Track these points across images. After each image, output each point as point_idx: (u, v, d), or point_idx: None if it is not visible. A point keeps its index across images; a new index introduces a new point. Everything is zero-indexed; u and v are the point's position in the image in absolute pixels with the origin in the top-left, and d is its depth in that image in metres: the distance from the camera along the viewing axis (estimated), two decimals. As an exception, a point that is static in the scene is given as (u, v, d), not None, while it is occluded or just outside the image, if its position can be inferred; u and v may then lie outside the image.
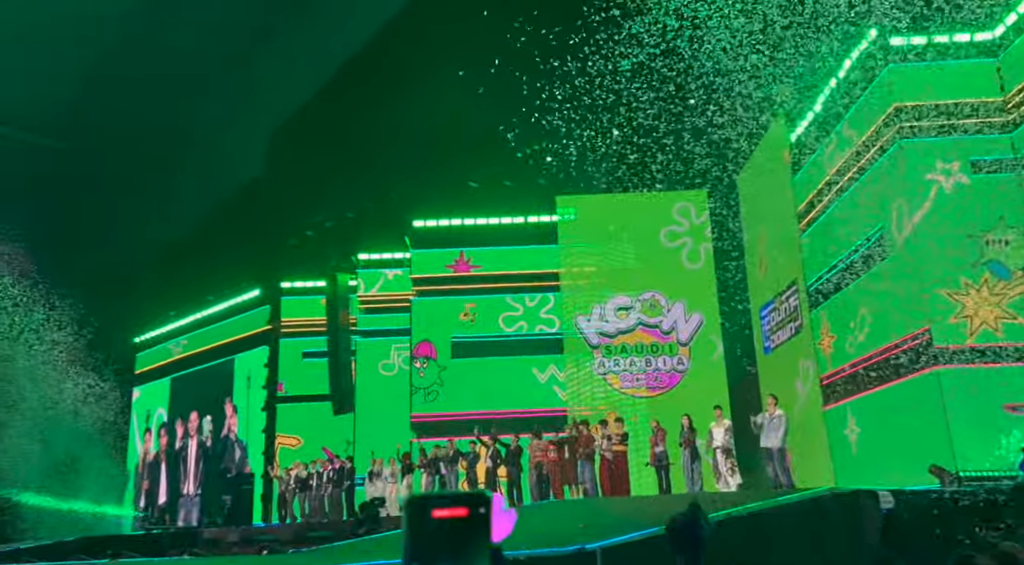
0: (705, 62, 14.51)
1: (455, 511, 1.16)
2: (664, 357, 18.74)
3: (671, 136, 16.49)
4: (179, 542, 14.84)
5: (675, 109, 16.05)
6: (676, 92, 15.61)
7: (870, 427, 13.68)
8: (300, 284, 23.46)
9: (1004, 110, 12.30)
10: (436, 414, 19.24)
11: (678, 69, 14.81)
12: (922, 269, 12.09)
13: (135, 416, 27.44)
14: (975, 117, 12.40)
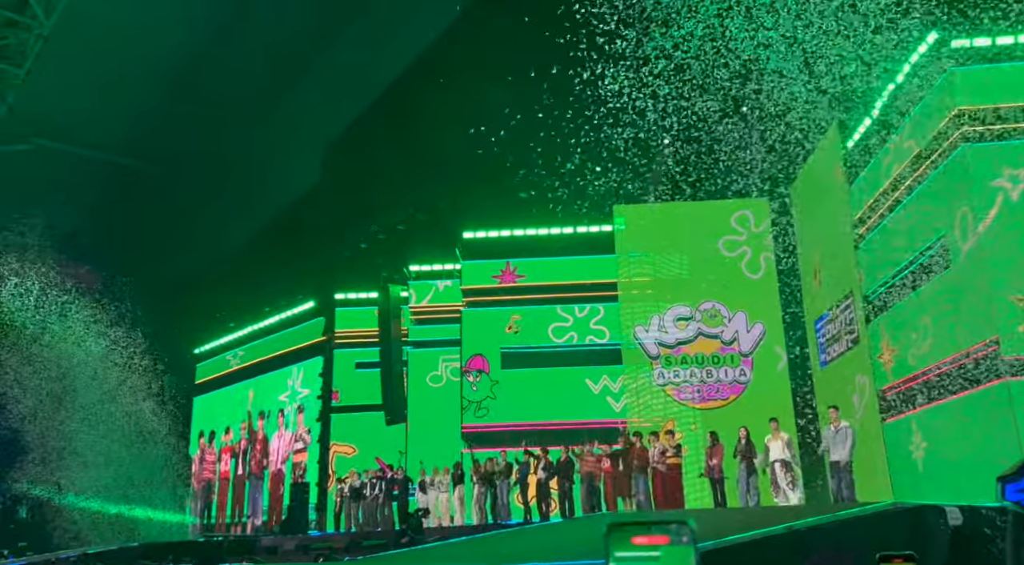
0: (760, 65, 14.33)
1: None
2: (726, 368, 18.44)
3: (727, 144, 16.33)
4: (237, 549, 15.15)
5: (730, 116, 15.89)
6: (729, 99, 15.44)
7: (937, 441, 13.23)
8: (353, 295, 23.85)
9: (1074, 112, 11.84)
10: (487, 425, 19.31)
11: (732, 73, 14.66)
12: (989, 277, 11.67)
13: (195, 424, 28.18)
14: (1043, 120, 11.97)
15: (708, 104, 15.34)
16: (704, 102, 15.14)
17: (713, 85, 14.64)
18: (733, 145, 16.58)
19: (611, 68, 14.22)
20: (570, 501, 15.47)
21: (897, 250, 14.55)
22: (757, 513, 11.32)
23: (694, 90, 14.83)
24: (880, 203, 15.21)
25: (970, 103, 12.30)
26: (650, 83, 14.28)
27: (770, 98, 14.62)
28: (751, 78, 14.38)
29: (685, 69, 13.90)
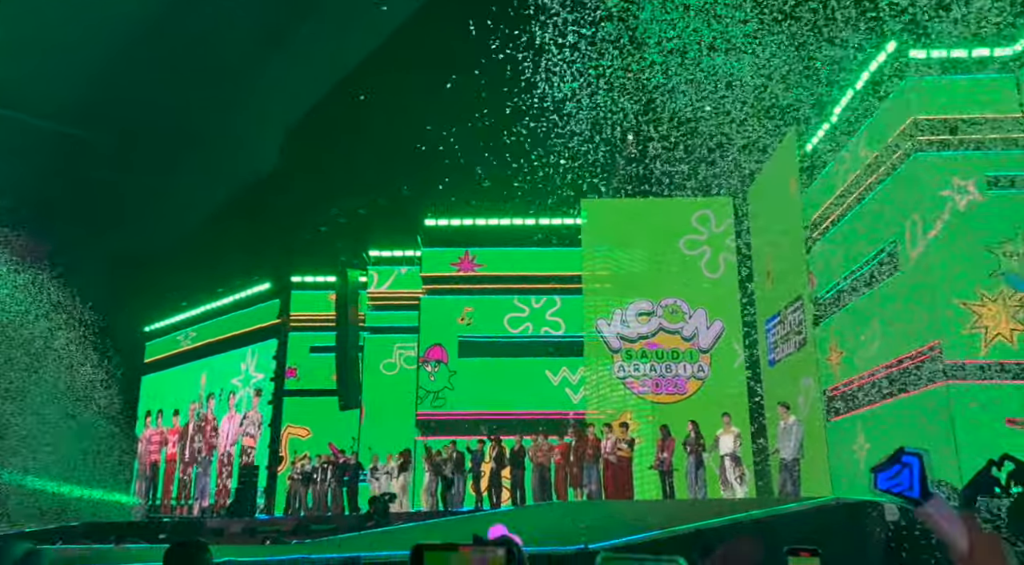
0: (722, 69, 14.56)
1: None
2: (685, 363, 18.72)
3: (689, 144, 16.55)
4: (182, 531, 14.92)
5: (693, 116, 16.10)
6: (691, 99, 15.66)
7: (879, 441, 13.63)
8: (310, 279, 23.57)
9: (1022, 126, 12.26)
10: (442, 413, 19.32)
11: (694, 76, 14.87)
12: (935, 282, 12.06)
13: (142, 404, 27.61)
14: (992, 132, 12.37)
15: (671, 103, 15.54)
16: (667, 100, 15.32)
17: (677, 85, 14.83)
18: (696, 144, 16.83)
19: (572, 62, 14.31)
20: (521, 490, 15.58)
21: (849, 254, 14.93)
22: (703, 505, 11.56)
23: (658, 89, 15.01)
24: (835, 207, 15.58)
25: (924, 113, 12.66)
26: (613, 78, 14.40)
27: (731, 101, 14.87)
28: (714, 81, 14.61)
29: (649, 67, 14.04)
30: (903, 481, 1.49)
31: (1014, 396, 11.24)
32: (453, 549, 1.29)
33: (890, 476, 1.51)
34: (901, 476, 1.49)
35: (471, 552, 1.30)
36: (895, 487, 1.50)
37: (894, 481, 1.50)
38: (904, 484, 1.49)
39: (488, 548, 1.30)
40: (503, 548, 1.30)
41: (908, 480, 1.48)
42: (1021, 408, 11.12)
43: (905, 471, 1.49)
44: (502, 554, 1.29)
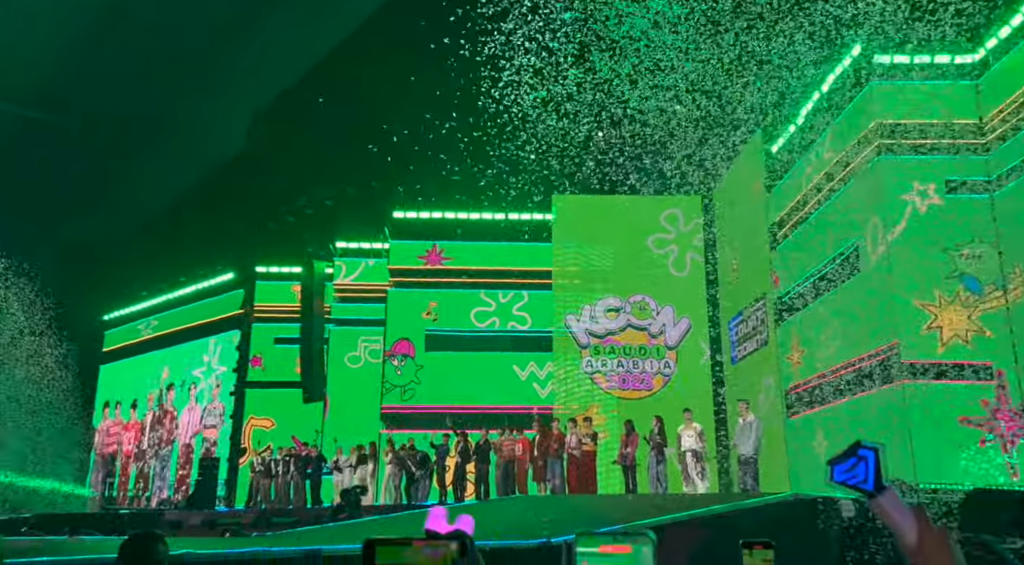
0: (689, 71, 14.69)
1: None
2: (651, 360, 18.89)
3: (658, 143, 16.67)
4: (139, 523, 14.66)
5: (662, 116, 16.22)
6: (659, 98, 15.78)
7: (837, 439, 13.88)
8: (275, 269, 23.30)
9: (981, 132, 12.55)
10: (408, 406, 19.24)
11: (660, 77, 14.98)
12: (894, 284, 12.30)
13: (100, 394, 27.05)
14: (953, 138, 12.65)
15: (641, 101, 15.62)
16: (637, 98, 15.39)
17: (645, 84, 14.91)
18: (666, 144, 16.96)
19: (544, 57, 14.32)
20: (486, 484, 15.60)
21: (813, 254, 15.16)
22: (664, 500, 11.67)
23: (630, 86, 15.07)
24: (799, 208, 15.81)
25: (887, 117, 12.89)
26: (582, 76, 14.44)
27: (699, 101, 15.00)
28: (684, 80, 14.72)
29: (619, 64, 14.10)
30: (859, 474, 1.52)
31: (967, 395, 11.52)
32: (406, 543, 1.28)
33: (846, 469, 1.54)
34: (857, 469, 1.52)
35: (424, 546, 1.28)
36: (850, 479, 1.53)
37: (849, 474, 1.53)
38: (859, 476, 1.52)
39: (441, 542, 1.29)
40: (456, 541, 1.30)
41: (863, 473, 1.52)
42: (974, 407, 11.41)
43: (861, 464, 1.53)
44: (455, 548, 1.29)
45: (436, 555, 1.27)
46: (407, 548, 1.27)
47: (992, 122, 12.43)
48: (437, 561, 1.26)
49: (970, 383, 11.61)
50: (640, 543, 1.21)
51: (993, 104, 12.42)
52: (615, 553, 1.21)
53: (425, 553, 1.27)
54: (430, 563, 1.26)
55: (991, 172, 12.37)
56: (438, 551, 1.27)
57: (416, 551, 1.27)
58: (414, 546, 1.27)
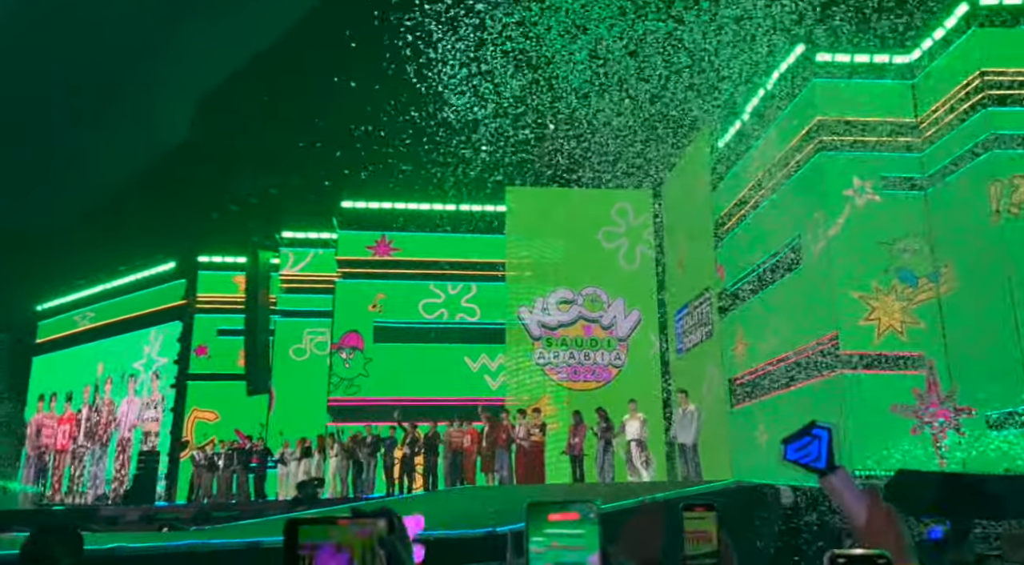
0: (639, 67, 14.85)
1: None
2: (603, 351, 19.06)
3: (609, 137, 16.81)
4: (74, 519, 14.20)
5: (610, 110, 16.36)
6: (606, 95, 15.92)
7: (778, 428, 14.22)
8: (219, 259, 22.77)
9: (917, 130, 12.97)
10: (355, 399, 19.02)
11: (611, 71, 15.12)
12: (834, 276, 12.64)
13: (33, 387, 26.10)
14: (890, 136, 13.04)
15: (591, 96, 15.74)
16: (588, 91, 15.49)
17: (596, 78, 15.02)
18: (616, 138, 17.12)
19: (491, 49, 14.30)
20: (434, 476, 15.54)
21: (757, 247, 15.48)
22: (610, 489, 11.80)
23: (579, 79, 15.15)
24: (744, 202, 16.11)
25: (828, 114, 13.21)
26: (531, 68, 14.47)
27: (648, 96, 15.17)
28: (632, 76, 14.88)
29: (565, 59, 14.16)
30: (812, 452, 1.54)
31: (900, 384, 11.92)
32: (331, 522, 1.23)
33: (799, 447, 1.56)
34: (810, 447, 1.55)
35: (349, 525, 1.24)
36: (803, 458, 1.55)
37: (802, 452, 1.55)
38: (812, 455, 1.54)
39: (367, 520, 1.25)
40: (383, 518, 1.25)
41: (816, 451, 1.54)
42: (906, 396, 11.81)
43: (814, 443, 1.55)
44: (383, 525, 1.24)
45: (363, 533, 1.22)
46: (332, 527, 1.22)
47: (926, 121, 12.85)
48: (364, 539, 1.21)
49: (903, 373, 12.02)
50: (587, 509, 1.22)
51: (928, 104, 12.84)
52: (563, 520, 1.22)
53: (352, 531, 1.21)
54: (357, 541, 1.21)
55: (925, 169, 12.79)
56: (365, 529, 1.22)
57: (342, 530, 1.22)
58: (339, 525, 1.22)
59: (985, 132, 11.58)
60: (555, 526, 1.20)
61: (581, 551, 1.20)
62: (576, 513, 1.21)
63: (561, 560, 1.20)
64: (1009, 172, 11.33)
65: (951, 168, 12.24)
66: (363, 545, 1.20)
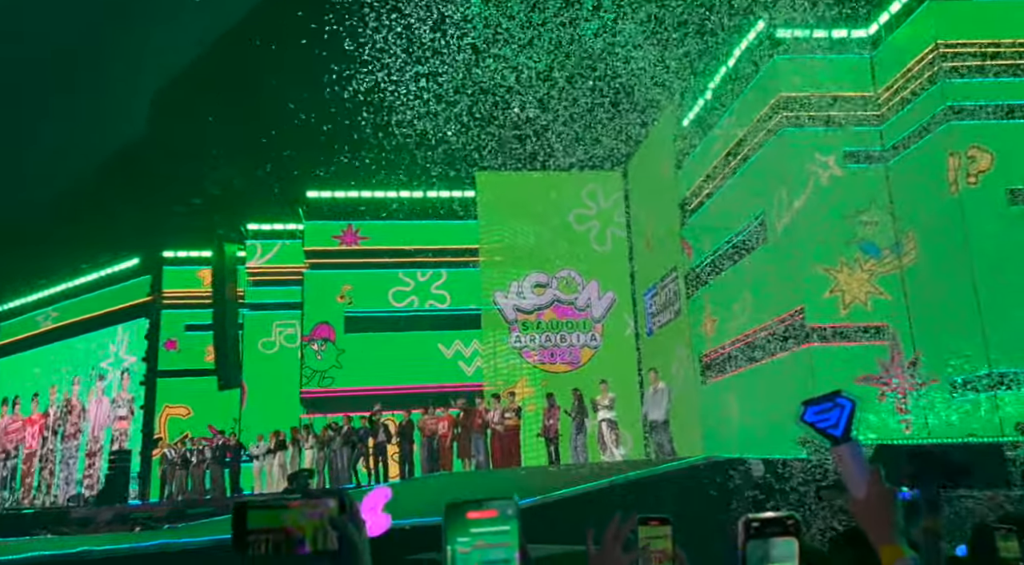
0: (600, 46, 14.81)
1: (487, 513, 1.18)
2: (578, 333, 19.16)
3: (576, 118, 16.79)
4: (44, 522, 13.98)
5: (572, 90, 16.31)
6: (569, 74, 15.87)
7: (748, 402, 14.41)
8: (183, 254, 22.41)
9: (876, 104, 13.11)
10: (329, 390, 18.90)
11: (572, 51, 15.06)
12: (799, 251, 12.77)
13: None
14: (850, 110, 13.16)
15: (556, 74, 15.67)
16: (553, 71, 15.42)
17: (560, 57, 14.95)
18: (584, 119, 17.10)
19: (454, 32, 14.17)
20: (410, 464, 15.52)
21: (722, 225, 15.60)
22: (585, 469, 11.88)
23: (543, 60, 15.07)
24: (709, 180, 16.20)
25: (789, 91, 13.29)
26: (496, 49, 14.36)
27: (612, 74, 15.15)
28: (594, 55, 14.84)
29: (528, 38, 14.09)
30: (831, 419, 1.55)
31: (866, 355, 12.12)
32: (282, 506, 1.22)
33: (819, 411, 1.56)
34: (831, 414, 1.55)
35: (301, 506, 1.23)
36: (821, 422, 1.55)
37: (822, 416, 1.55)
38: (831, 421, 1.55)
39: (319, 501, 1.24)
40: (334, 498, 1.24)
41: (836, 419, 1.54)
42: (872, 366, 12.01)
43: (836, 411, 1.55)
44: (334, 505, 1.24)
45: (315, 515, 1.22)
46: (283, 511, 1.21)
47: (885, 94, 12.99)
48: (316, 521, 1.21)
49: (869, 343, 12.22)
50: (505, 506, 1.20)
51: (886, 77, 12.97)
52: (482, 518, 1.20)
53: (304, 513, 1.21)
54: (309, 523, 1.21)
55: (885, 142, 12.95)
56: (316, 511, 1.22)
57: (293, 512, 1.21)
58: (290, 507, 1.21)
59: (942, 104, 11.73)
60: (477, 525, 1.18)
61: (507, 548, 1.17)
62: (495, 510, 1.19)
63: (487, 558, 1.17)
64: (966, 143, 11.50)
65: (910, 140, 12.40)
66: (314, 527, 1.20)
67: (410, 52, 15.25)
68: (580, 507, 8.83)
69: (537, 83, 16.24)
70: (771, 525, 1.37)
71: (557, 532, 4.44)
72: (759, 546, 1.35)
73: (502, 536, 1.17)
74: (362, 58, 16.73)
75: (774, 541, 1.35)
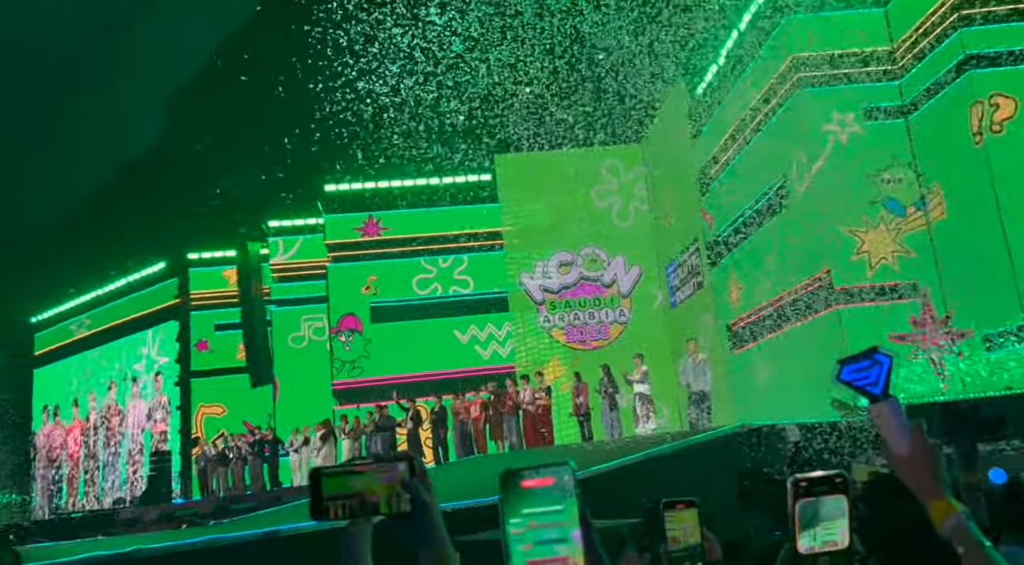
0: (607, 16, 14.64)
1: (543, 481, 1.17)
2: (606, 309, 19.13)
3: (591, 93, 16.65)
4: (93, 524, 14.33)
5: (586, 64, 16.17)
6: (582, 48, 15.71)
7: (778, 369, 14.33)
8: (208, 254, 22.67)
9: (893, 58, 12.84)
10: (360, 380, 19.09)
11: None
12: (822, 213, 12.60)
13: (37, 399, 26.11)
14: (867, 66, 12.90)
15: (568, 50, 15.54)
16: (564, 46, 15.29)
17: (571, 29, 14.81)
18: (599, 93, 16.96)
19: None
20: (444, 448, 15.67)
21: (742, 191, 15.42)
22: (618, 444, 11.91)
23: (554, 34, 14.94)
24: (727, 148, 16.01)
25: (804, 50, 13.05)
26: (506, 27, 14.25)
27: (620, 45, 14.97)
28: (604, 24, 14.66)
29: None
30: (871, 376, 1.51)
31: (897, 314, 11.97)
32: (352, 471, 1.24)
33: (856, 369, 1.53)
34: (869, 372, 1.51)
35: (372, 471, 1.24)
36: (859, 380, 1.51)
37: (860, 374, 1.52)
38: (870, 379, 1.51)
39: (389, 465, 1.25)
40: (404, 462, 1.26)
41: (875, 376, 1.51)
42: (902, 325, 11.87)
43: (875, 368, 1.51)
44: (403, 468, 1.25)
45: (387, 479, 1.23)
46: (356, 476, 1.23)
47: (902, 48, 12.72)
48: (388, 485, 1.22)
49: (899, 302, 12.06)
50: (562, 472, 1.19)
51: (902, 30, 12.69)
52: (539, 486, 1.18)
53: (375, 478, 1.23)
54: (381, 488, 1.22)
55: (905, 96, 12.69)
56: (388, 475, 1.23)
57: (366, 477, 1.22)
58: (361, 472, 1.23)
59: (962, 52, 11.46)
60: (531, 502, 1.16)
61: (561, 527, 1.14)
62: (551, 477, 1.17)
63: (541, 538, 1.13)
64: (988, 91, 11.24)
65: (931, 92, 12.14)
66: (387, 491, 1.22)
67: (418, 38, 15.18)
68: (615, 482, 8.86)
69: (546, 58, 16.10)
70: (819, 484, 1.36)
71: (592, 508, 4.46)
72: (809, 506, 1.35)
73: (556, 515, 1.15)
74: (373, 48, 16.72)
75: (823, 499, 1.35)
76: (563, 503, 1.16)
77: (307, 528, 7.63)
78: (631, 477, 9.15)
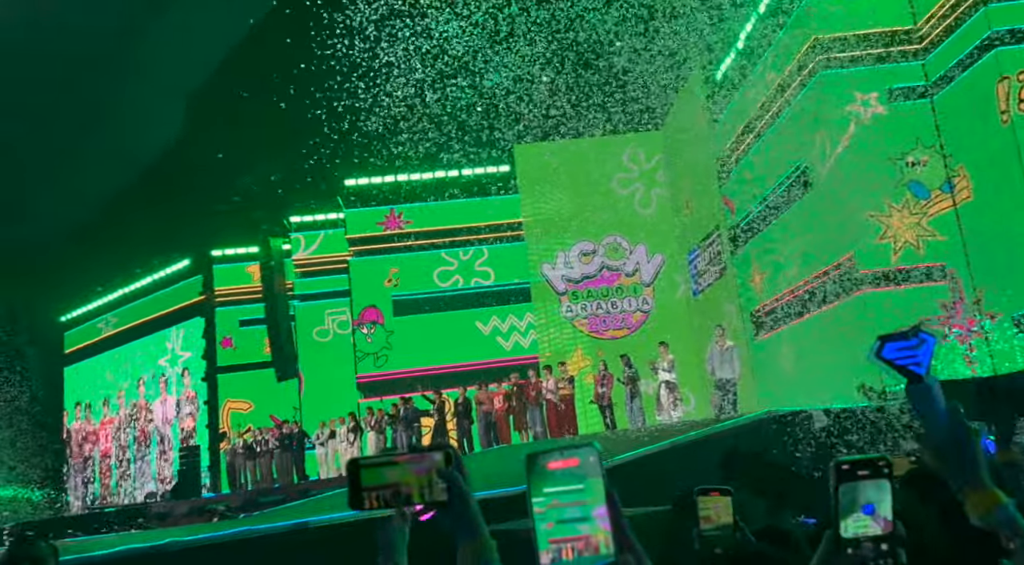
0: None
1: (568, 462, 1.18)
2: (629, 298, 19.06)
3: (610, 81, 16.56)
4: (125, 519, 14.58)
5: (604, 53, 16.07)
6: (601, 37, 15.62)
7: (803, 354, 14.20)
8: (231, 251, 22.88)
9: (917, 36, 12.62)
10: (383, 373, 19.21)
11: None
12: (845, 196, 12.44)
13: (68, 396, 26.59)
14: (890, 46, 12.69)
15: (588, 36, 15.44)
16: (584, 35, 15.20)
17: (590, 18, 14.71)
18: (616, 81, 16.85)
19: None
20: (469, 439, 15.74)
21: (764, 177, 15.26)
22: (643, 433, 11.89)
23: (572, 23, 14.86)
24: (747, 133, 15.85)
25: (823, 32, 12.86)
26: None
27: (639, 32, 14.86)
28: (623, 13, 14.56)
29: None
30: (917, 356, 1.44)
31: (925, 297, 11.80)
32: (390, 463, 1.25)
33: (900, 348, 1.46)
34: (915, 351, 1.44)
35: (408, 461, 1.25)
36: (902, 359, 1.44)
37: (903, 353, 1.45)
38: (916, 358, 1.44)
39: (425, 455, 1.26)
40: (440, 452, 1.26)
41: (920, 356, 1.44)
42: (929, 308, 11.71)
43: (922, 347, 1.45)
44: (440, 458, 1.25)
45: (423, 470, 1.23)
46: (392, 467, 1.24)
47: (926, 26, 12.49)
48: (424, 476, 1.23)
49: (926, 285, 11.90)
50: (587, 453, 1.19)
51: (926, 8, 12.46)
52: (564, 467, 1.18)
53: (411, 468, 1.23)
54: (417, 478, 1.23)
55: (929, 76, 12.48)
56: (423, 465, 1.24)
57: (401, 468, 1.23)
58: (397, 463, 1.24)
59: (987, 29, 11.23)
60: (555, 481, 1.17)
61: (583, 505, 1.14)
62: (576, 458, 1.18)
63: (563, 517, 1.14)
64: (1016, 68, 11.01)
65: (956, 71, 11.92)
66: (421, 481, 1.23)
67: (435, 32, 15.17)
68: (640, 470, 8.85)
69: (565, 47, 16.03)
70: (862, 467, 1.34)
71: (620, 496, 4.46)
72: (851, 489, 1.33)
73: (577, 494, 1.16)
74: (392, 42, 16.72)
75: (866, 483, 1.33)
76: (584, 483, 1.16)
77: (336, 520, 7.71)
78: (655, 465, 9.13)
